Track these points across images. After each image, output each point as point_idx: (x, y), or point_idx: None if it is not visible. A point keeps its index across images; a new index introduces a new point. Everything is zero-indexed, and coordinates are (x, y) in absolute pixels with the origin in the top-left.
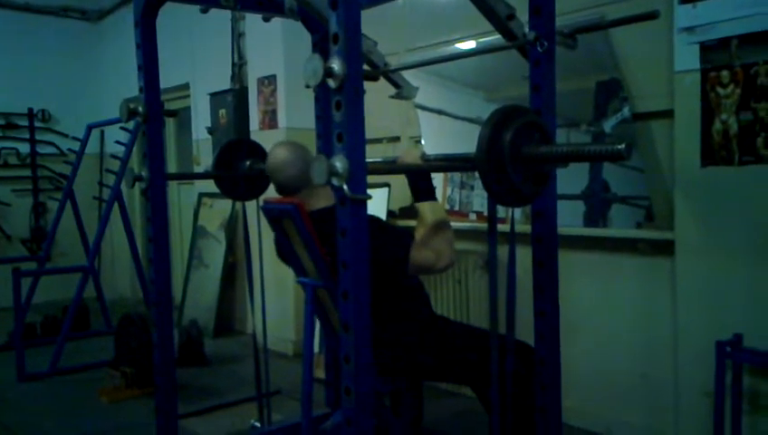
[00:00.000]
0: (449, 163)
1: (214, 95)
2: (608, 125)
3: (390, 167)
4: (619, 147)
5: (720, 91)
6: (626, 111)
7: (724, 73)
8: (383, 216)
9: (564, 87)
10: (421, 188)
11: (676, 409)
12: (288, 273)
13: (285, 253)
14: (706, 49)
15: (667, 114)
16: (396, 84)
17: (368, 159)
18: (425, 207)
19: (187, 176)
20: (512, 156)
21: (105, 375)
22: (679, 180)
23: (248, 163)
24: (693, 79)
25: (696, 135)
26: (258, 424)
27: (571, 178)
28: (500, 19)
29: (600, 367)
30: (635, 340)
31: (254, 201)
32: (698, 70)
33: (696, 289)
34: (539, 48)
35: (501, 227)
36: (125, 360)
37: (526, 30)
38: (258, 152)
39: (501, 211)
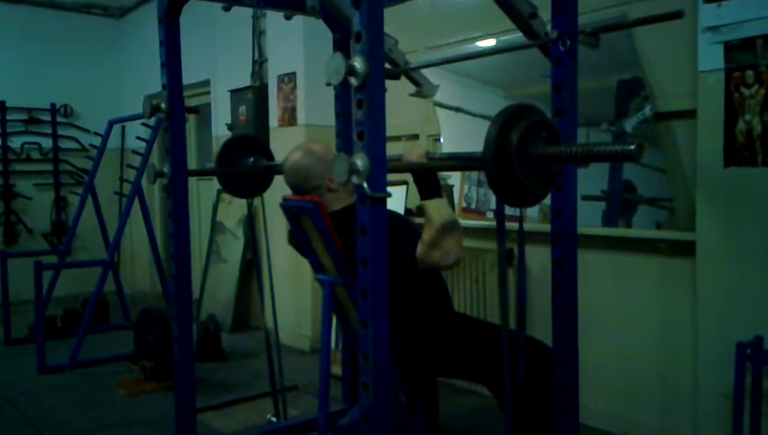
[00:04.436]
0: (455, 162)
1: (234, 92)
2: (629, 125)
3: (395, 165)
4: (630, 147)
5: (744, 91)
6: (647, 111)
7: (749, 73)
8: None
9: (585, 86)
10: (426, 186)
11: (694, 411)
12: (305, 269)
13: (304, 251)
14: (731, 49)
15: (690, 114)
16: (416, 82)
17: None
18: (430, 206)
19: (206, 172)
20: (519, 156)
21: (124, 369)
22: (701, 181)
23: (251, 160)
24: (717, 79)
25: (719, 135)
26: (275, 419)
27: (592, 178)
28: (522, 17)
29: (618, 367)
30: (653, 341)
31: (273, 199)
32: (722, 69)
33: (716, 290)
34: (561, 47)
35: (516, 227)
36: (144, 354)
37: (549, 28)
38: (261, 149)
39: (516, 210)
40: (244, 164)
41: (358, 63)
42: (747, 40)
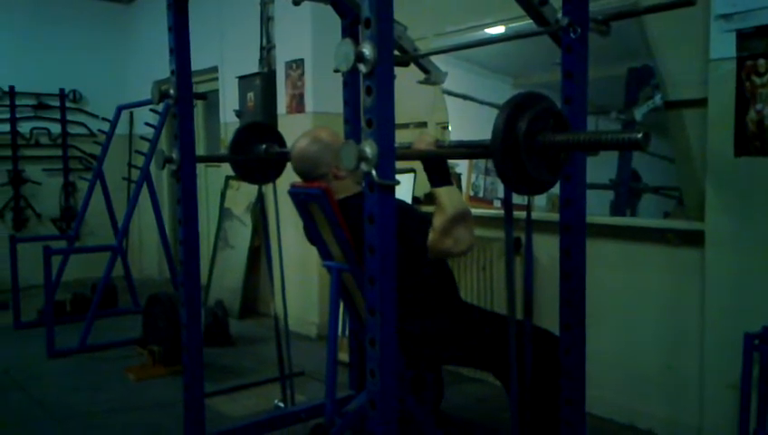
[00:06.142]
0: (464, 150)
1: (242, 78)
2: (639, 113)
3: (404, 153)
4: (637, 136)
5: (756, 79)
6: (657, 99)
7: (761, 62)
8: (408, 202)
9: (595, 74)
10: (437, 173)
11: (700, 401)
12: (312, 256)
13: (311, 237)
14: (743, 37)
15: (701, 103)
16: (425, 69)
17: None
18: (441, 193)
19: (215, 158)
20: (526, 144)
21: (133, 353)
22: (711, 170)
23: (264, 147)
24: (728, 67)
25: (729, 124)
26: (282, 404)
27: (600, 167)
28: (532, 4)
29: (626, 357)
30: (661, 331)
31: (281, 186)
32: (734, 58)
33: (725, 281)
34: (572, 34)
35: (523, 215)
36: (152, 339)
37: (559, 15)
38: (274, 136)
39: (523, 198)
40: (256, 151)
41: (367, 50)
42: (760, 28)
